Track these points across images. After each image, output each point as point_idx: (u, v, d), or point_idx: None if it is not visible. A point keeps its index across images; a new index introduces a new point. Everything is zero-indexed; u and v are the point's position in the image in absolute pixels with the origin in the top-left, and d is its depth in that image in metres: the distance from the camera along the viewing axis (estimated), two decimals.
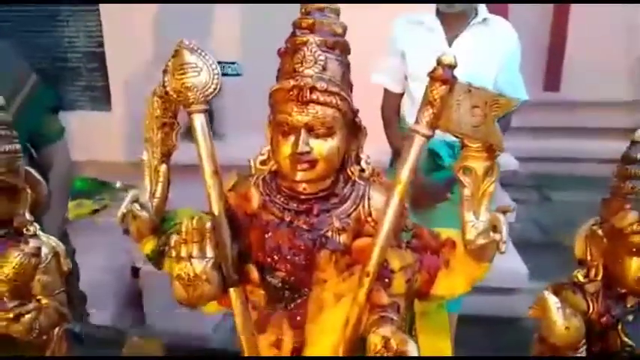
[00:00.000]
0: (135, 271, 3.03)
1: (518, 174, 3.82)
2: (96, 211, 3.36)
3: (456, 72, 2.40)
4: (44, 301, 1.25)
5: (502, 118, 0.99)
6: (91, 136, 3.39)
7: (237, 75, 3.25)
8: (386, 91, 2.38)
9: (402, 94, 2.36)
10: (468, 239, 1.07)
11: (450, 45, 2.22)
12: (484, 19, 2.21)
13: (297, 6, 1.07)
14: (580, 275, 1.14)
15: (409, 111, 2.32)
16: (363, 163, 1.11)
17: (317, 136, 1.03)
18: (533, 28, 3.98)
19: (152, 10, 3.37)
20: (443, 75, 0.96)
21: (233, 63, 3.26)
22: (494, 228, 1.06)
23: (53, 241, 1.27)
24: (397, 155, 2.32)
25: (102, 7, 3.47)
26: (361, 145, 1.11)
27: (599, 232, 1.13)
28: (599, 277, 1.13)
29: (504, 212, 1.07)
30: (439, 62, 0.96)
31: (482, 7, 2.24)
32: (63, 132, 1.99)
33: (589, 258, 1.15)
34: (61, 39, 3.77)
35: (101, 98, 3.85)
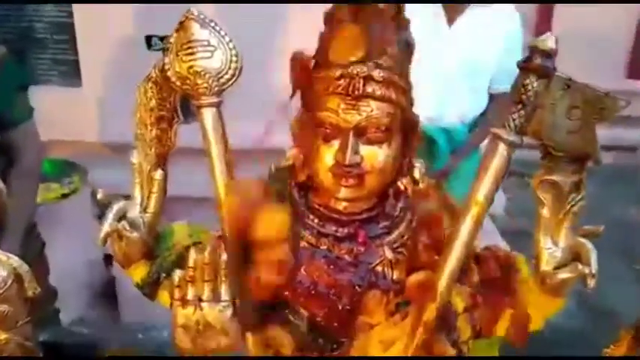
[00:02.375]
0: (108, 259, 2.84)
1: None
2: (65, 196, 3.14)
3: (454, 57, 2.23)
4: (3, 335, 1.00)
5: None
6: (59, 114, 3.12)
7: None
8: None
9: None
10: (545, 271, 0.86)
11: (449, 27, 2.08)
12: None
13: None
14: None
15: None
16: (416, 173, 0.87)
17: (369, 142, 0.78)
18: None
19: None
20: (541, 66, 0.72)
21: None
22: (579, 257, 0.84)
23: (14, 260, 1.01)
24: None
25: None
26: (414, 149, 0.87)
27: None
28: None
29: (591, 235, 0.86)
30: (535, 48, 0.72)
31: None
32: (32, 112, 1.79)
33: None
34: (26, 7, 3.42)
35: (70, 73, 3.53)
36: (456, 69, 2.11)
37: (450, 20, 2.08)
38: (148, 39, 2.85)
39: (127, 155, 0.92)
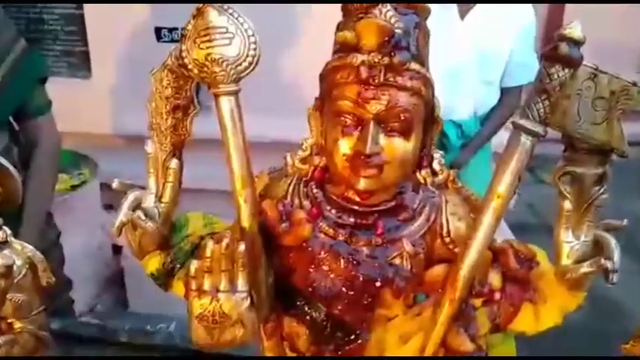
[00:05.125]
0: (116, 249, 2.87)
1: None
2: (74, 187, 3.14)
3: (467, 50, 2.19)
4: (18, 324, 1.00)
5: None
6: (69, 106, 3.10)
7: None
8: None
9: None
10: (564, 266, 0.84)
11: (462, 18, 2.06)
12: None
13: None
14: None
15: None
16: (435, 165, 0.85)
17: (390, 132, 0.77)
18: None
19: None
20: (568, 55, 0.70)
21: None
22: (600, 251, 0.83)
23: (29, 250, 1.01)
24: None
25: None
26: (434, 140, 0.86)
27: None
28: None
29: (614, 230, 0.84)
30: (562, 37, 0.71)
31: None
32: (50, 105, 1.78)
33: None
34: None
35: (80, 64, 3.53)
36: (469, 61, 2.09)
37: (462, 12, 2.05)
38: (158, 31, 2.84)
39: (137, 147, 0.91)
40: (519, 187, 0.83)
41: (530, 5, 2.12)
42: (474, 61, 2.09)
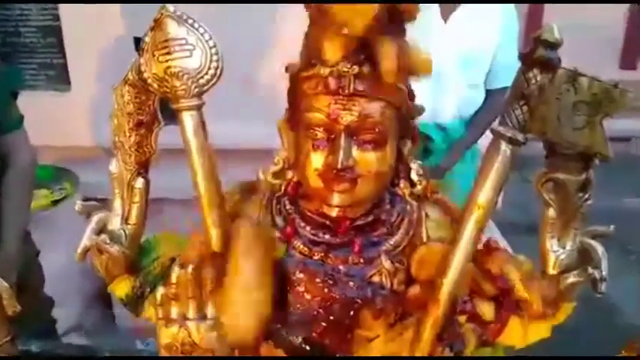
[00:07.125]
0: None
1: None
2: (56, 202, 3.08)
3: (450, 52, 2.16)
4: None
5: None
6: (48, 119, 3.08)
7: None
8: None
9: None
10: (552, 276, 0.81)
11: (445, 21, 2.03)
12: None
13: None
14: None
15: None
16: (413, 175, 0.81)
17: (362, 144, 0.72)
18: None
19: None
20: (546, 57, 0.67)
21: None
22: (588, 259, 0.80)
23: None
24: None
25: None
26: (412, 151, 0.82)
27: None
28: None
29: (601, 236, 0.81)
30: (539, 39, 0.67)
31: None
32: (22, 120, 1.74)
33: None
34: (12, 12, 3.37)
35: (59, 77, 3.49)
36: (452, 64, 2.06)
37: (445, 15, 2.04)
38: (137, 41, 2.79)
39: None
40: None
41: (512, 5, 2.11)
42: (457, 63, 2.07)
